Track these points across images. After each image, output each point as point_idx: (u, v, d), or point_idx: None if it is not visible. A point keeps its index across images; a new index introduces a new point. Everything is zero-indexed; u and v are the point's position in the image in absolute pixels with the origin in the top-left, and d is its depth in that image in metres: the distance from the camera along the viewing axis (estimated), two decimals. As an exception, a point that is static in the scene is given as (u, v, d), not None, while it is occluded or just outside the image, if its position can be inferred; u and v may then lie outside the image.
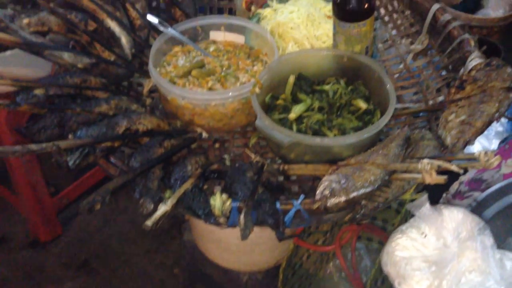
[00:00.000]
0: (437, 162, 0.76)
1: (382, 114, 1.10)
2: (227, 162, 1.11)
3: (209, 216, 0.85)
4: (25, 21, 1.14)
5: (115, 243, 2.02)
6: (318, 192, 0.84)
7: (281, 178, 1.05)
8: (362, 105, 1.11)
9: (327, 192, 0.83)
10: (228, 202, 0.88)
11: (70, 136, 0.99)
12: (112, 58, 1.24)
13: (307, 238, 1.43)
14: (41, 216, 1.91)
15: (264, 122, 1.03)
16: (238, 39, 1.33)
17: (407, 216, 1.36)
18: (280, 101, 1.16)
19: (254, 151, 1.15)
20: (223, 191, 0.91)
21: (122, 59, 1.26)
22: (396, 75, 1.30)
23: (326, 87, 1.15)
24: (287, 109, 1.14)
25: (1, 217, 2.07)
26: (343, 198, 0.82)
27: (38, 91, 1.02)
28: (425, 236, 0.89)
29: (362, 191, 0.81)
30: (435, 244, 0.88)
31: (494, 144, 1.45)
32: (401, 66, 1.30)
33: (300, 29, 1.30)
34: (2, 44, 1.08)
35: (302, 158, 1.05)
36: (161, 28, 1.27)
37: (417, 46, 1.27)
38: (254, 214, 0.87)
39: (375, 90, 1.14)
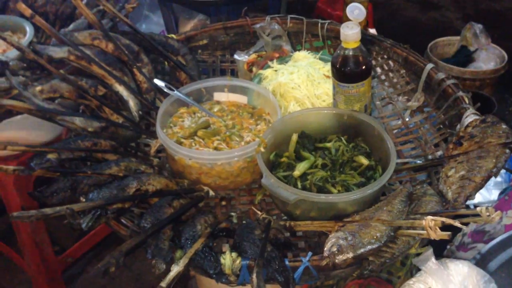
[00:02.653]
0: (440, 219, 0.79)
1: (384, 169, 1.14)
2: (234, 220, 1.13)
3: (220, 275, 0.87)
4: (38, 88, 1.19)
5: (119, 304, 2.01)
6: (325, 249, 0.87)
7: (287, 234, 1.07)
8: (364, 161, 1.14)
9: (334, 249, 0.85)
10: (238, 261, 0.90)
11: (82, 198, 1.02)
12: (121, 120, 1.29)
13: (314, 292, 1.43)
14: (46, 275, 1.91)
15: (269, 180, 1.06)
16: (241, 99, 1.39)
17: (413, 269, 1.38)
18: (284, 159, 1.20)
19: (260, 208, 1.18)
20: (232, 249, 0.93)
21: (130, 121, 1.30)
22: (395, 131, 1.34)
23: (328, 144, 1.19)
24: (291, 167, 1.17)
25: (6, 276, 2.06)
26: (350, 255, 0.84)
27: (51, 156, 1.06)
28: (432, 290, 0.91)
29: (369, 247, 0.84)
30: (442, 298, 0.90)
31: (494, 195, 1.48)
32: (399, 122, 1.35)
33: (301, 89, 1.36)
34: (15, 110, 1.13)
35: (308, 214, 1.07)
36: (168, 91, 1.32)
37: (414, 103, 1.32)
38: (264, 272, 0.89)
39: (375, 146, 1.18)
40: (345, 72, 1.17)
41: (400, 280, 1.37)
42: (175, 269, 0.81)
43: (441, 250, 1.30)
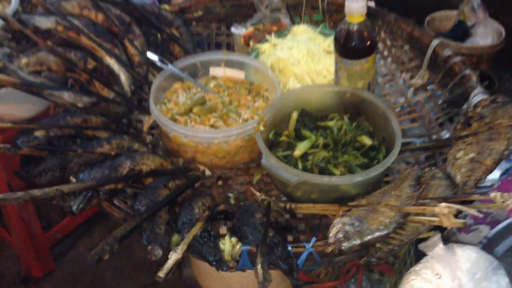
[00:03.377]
0: (455, 206, 0.75)
1: (387, 149, 1.10)
2: (232, 201, 1.09)
3: (220, 262, 0.83)
4: (24, 61, 1.13)
5: (109, 278, 1.97)
6: (331, 235, 0.83)
7: (287, 216, 1.03)
8: (367, 141, 1.10)
9: (340, 235, 0.81)
10: (238, 246, 0.86)
11: (72, 177, 0.97)
12: (112, 95, 1.23)
13: (310, 272, 1.40)
14: (34, 252, 1.86)
15: (270, 160, 1.02)
16: (238, 74, 1.33)
17: (411, 249, 1.35)
18: (283, 138, 1.15)
19: (258, 188, 1.14)
20: (231, 233, 0.89)
21: (122, 96, 1.24)
22: (397, 109, 1.30)
23: (330, 123, 1.15)
24: (291, 146, 1.13)
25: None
26: (357, 242, 0.80)
27: (39, 133, 1.00)
28: (440, 277, 0.87)
29: (377, 234, 0.80)
30: (450, 286, 0.87)
31: (495, 174, 1.44)
32: (402, 100, 1.30)
33: (301, 64, 1.30)
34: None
35: (309, 196, 1.03)
36: (161, 65, 1.26)
37: (418, 81, 1.27)
38: (266, 258, 0.85)
39: (379, 125, 1.13)
40: (349, 47, 1.12)
41: (398, 260, 1.35)
42: (173, 257, 0.76)
43: (442, 231, 1.27)
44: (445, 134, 1.16)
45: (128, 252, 2.03)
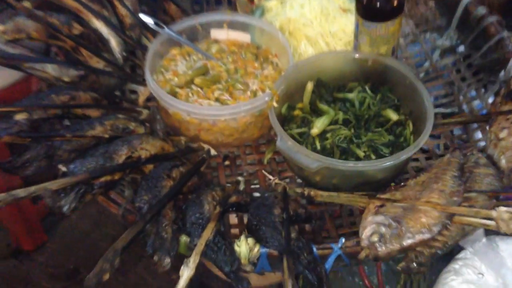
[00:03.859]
0: (517, 211, 0.64)
1: (415, 124, 0.98)
2: (242, 185, 0.97)
3: (238, 276, 0.72)
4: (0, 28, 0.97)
5: (105, 249, 1.88)
6: (364, 237, 0.72)
7: (303, 202, 0.92)
8: (393, 116, 0.98)
9: (375, 238, 0.70)
10: (256, 249, 0.76)
11: (60, 166, 0.84)
12: (102, 65, 1.08)
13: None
14: (24, 225, 1.76)
15: (286, 143, 0.89)
16: (243, 37, 1.18)
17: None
18: (297, 112, 1.03)
19: (270, 169, 1.02)
20: (248, 233, 0.78)
21: (113, 64, 1.10)
22: (421, 74, 1.17)
23: (350, 95, 1.02)
24: (306, 122, 1.00)
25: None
26: (396, 247, 0.70)
27: (20, 116, 0.86)
28: (483, 276, 0.78)
29: (418, 238, 0.69)
30: (495, 285, 0.77)
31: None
32: (427, 64, 1.17)
33: (314, 25, 1.15)
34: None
35: (329, 181, 0.92)
36: (157, 29, 1.11)
37: (445, 42, 1.14)
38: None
39: (405, 97, 1.01)
40: (373, 8, 0.97)
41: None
42: (186, 274, 0.65)
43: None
44: (478, 105, 1.04)
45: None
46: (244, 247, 0.75)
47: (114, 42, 1.12)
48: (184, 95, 1.03)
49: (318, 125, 0.97)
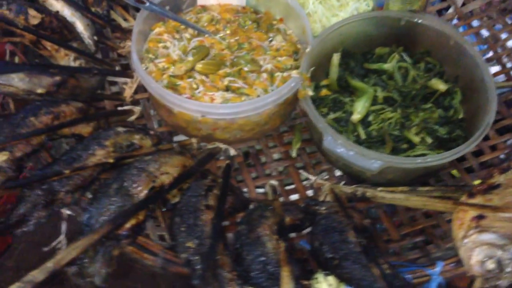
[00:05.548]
0: None
1: (464, 93, 0.85)
2: (270, 194, 0.81)
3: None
4: None
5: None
6: (473, 262, 0.60)
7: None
8: (441, 86, 0.84)
9: (491, 265, 0.58)
10: (342, 290, 0.62)
11: (64, 211, 0.65)
12: (72, 57, 0.86)
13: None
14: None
15: (336, 142, 0.74)
16: (237, 0, 0.98)
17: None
18: (325, 92, 0.87)
19: (303, 162, 0.87)
20: (322, 267, 0.64)
21: (86, 55, 0.87)
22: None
23: (386, 66, 0.86)
24: (339, 104, 0.85)
25: None
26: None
27: (0, 158, 0.65)
28: None
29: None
30: None
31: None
32: (451, 10, 1.02)
33: (322, -21, 0.97)
34: None
35: (384, 177, 0.78)
36: (136, 4, 0.88)
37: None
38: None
39: (448, 61, 0.87)
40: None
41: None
42: None
43: None
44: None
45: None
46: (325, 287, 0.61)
47: (81, 25, 0.89)
48: (188, 88, 0.84)
49: (359, 109, 0.82)
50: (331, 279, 0.62)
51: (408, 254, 0.75)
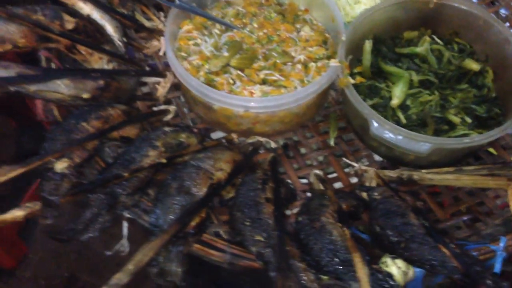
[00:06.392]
0: None
1: (495, 71, 0.87)
2: (314, 181, 0.81)
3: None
4: (-25, 43, 0.71)
5: (101, 246, 1.68)
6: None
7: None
8: (474, 66, 0.86)
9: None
10: (411, 272, 0.63)
11: (125, 214, 0.65)
12: (105, 61, 0.85)
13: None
14: (2, 244, 1.51)
15: (384, 127, 0.75)
16: (259, -8, 0.98)
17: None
18: (359, 79, 0.88)
19: (341, 151, 0.88)
20: (388, 252, 0.65)
21: (119, 58, 0.87)
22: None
23: (419, 49, 0.88)
24: (375, 90, 0.86)
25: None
26: None
27: (61, 165, 0.65)
28: None
29: None
30: None
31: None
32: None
33: (343, -34, 0.97)
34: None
35: (428, 158, 0.80)
36: (166, 3, 0.88)
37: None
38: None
39: (477, 40, 0.89)
40: None
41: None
42: None
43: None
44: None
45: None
46: (396, 272, 0.63)
47: (110, 28, 0.88)
48: (225, 83, 0.84)
49: (397, 94, 0.83)
50: (399, 262, 0.64)
51: (458, 233, 0.77)
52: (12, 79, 0.68)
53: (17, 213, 0.57)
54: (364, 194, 0.77)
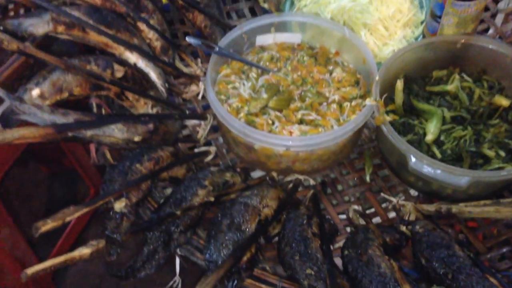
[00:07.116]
0: None
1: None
2: (354, 216, 0.84)
3: None
4: (35, 92, 0.76)
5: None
6: None
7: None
8: (504, 102, 0.89)
9: None
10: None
11: (178, 251, 0.68)
12: (150, 105, 0.90)
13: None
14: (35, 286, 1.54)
15: (422, 162, 0.78)
16: (293, 38, 1.03)
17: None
18: (392, 116, 0.91)
19: (377, 187, 0.91)
20: (438, 284, 0.67)
21: (163, 103, 0.92)
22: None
23: (449, 87, 0.91)
24: (408, 127, 0.89)
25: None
26: None
27: (120, 205, 0.68)
28: None
29: None
30: None
31: None
32: (491, 31, 1.08)
33: (370, 11, 1.02)
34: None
35: (465, 191, 0.82)
36: (206, 50, 0.93)
37: (510, 6, 1.05)
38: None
39: (505, 77, 0.92)
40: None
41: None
42: None
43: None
44: None
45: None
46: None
47: (154, 75, 0.93)
48: (265, 124, 0.88)
49: (432, 130, 0.86)
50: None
51: (500, 265, 0.78)
52: (72, 126, 0.72)
53: (84, 251, 0.60)
54: (404, 228, 0.79)
